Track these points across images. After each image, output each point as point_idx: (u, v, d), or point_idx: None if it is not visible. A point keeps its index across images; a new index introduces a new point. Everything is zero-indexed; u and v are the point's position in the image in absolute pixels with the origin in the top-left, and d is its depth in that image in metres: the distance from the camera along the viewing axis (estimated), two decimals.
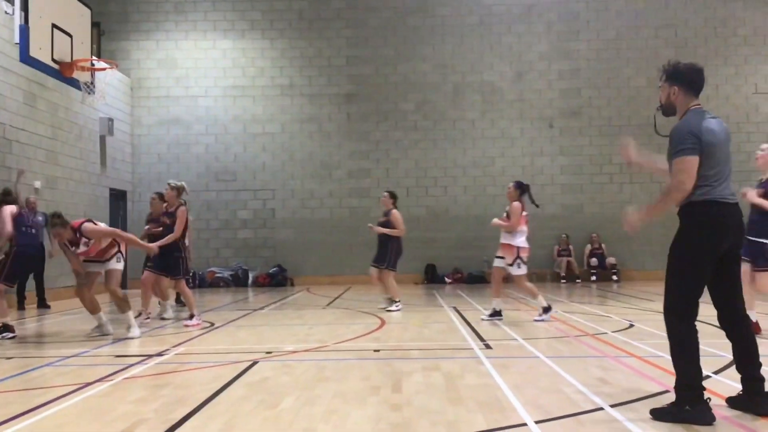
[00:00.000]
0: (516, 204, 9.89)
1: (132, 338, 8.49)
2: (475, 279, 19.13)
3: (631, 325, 9.11)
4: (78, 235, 8.56)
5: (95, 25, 13.96)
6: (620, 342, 7.61)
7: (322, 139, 20.31)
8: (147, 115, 20.20)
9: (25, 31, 10.47)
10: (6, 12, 13.27)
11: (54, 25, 11.20)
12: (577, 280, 19.15)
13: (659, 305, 12.12)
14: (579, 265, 19.44)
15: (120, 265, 8.95)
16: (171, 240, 9.82)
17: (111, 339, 8.53)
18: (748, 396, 4.52)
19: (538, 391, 5.27)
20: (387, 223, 11.79)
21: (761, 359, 4.60)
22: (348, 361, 6.86)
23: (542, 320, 9.70)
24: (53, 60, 11.24)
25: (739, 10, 20.37)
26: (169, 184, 10.20)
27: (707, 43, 20.32)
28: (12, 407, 4.99)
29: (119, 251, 8.95)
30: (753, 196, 7.79)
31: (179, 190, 10.12)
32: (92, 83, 12.90)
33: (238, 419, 4.58)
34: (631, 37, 20.30)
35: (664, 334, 8.12)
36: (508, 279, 10.36)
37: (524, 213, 9.90)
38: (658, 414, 4.39)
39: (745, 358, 4.55)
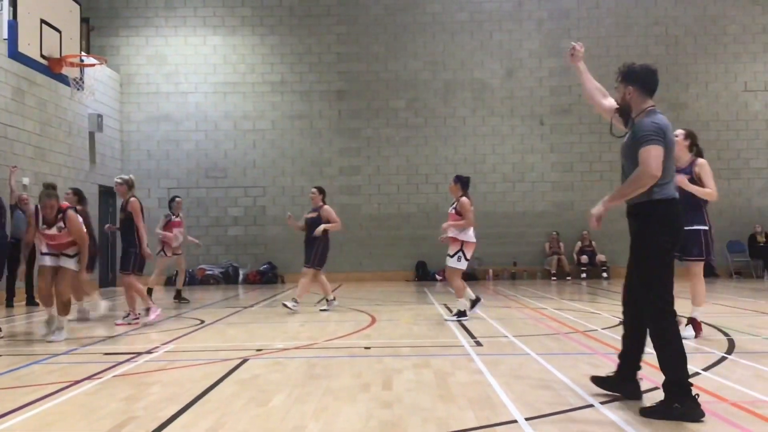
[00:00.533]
0: (464, 200, 9.68)
1: (53, 341, 8.11)
2: (468, 276, 19.11)
3: (621, 323, 9.12)
4: (59, 215, 8.37)
5: (84, 20, 13.85)
6: (610, 339, 7.63)
7: (313, 136, 20.28)
8: (136, 112, 20.11)
9: (13, 26, 10.39)
10: None
11: (43, 21, 11.12)
12: (568, 278, 19.20)
13: None
14: (569, 262, 19.49)
15: (73, 266, 8.50)
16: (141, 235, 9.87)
17: (99, 337, 8.49)
18: (620, 378, 4.90)
19: (529, 388, 5.27)
20: (317, 220, 11.13)
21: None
22: (339, 358, 6.85)
23: (455, 320, 9.47)
24: (42, 56, 11.16)
25: (729, 8, 20.45)
26: (119, 178, 10.09)
27: (697, 41, 20.40)
28: (0, 405, 4.96)
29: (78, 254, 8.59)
30: (684, 180, 7.55)
31: (128, 184, 10.00)
32: (81, 79, 12.82)
33: (228, 417, 4.56)
34: (621, 34, 20.35)
35: None
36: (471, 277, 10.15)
37: (471, 207, 9.65)
38: (647, 413, 4.40)
39: (636, 348, 4.89)
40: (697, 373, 5.65)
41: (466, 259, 9.72)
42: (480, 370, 5.97)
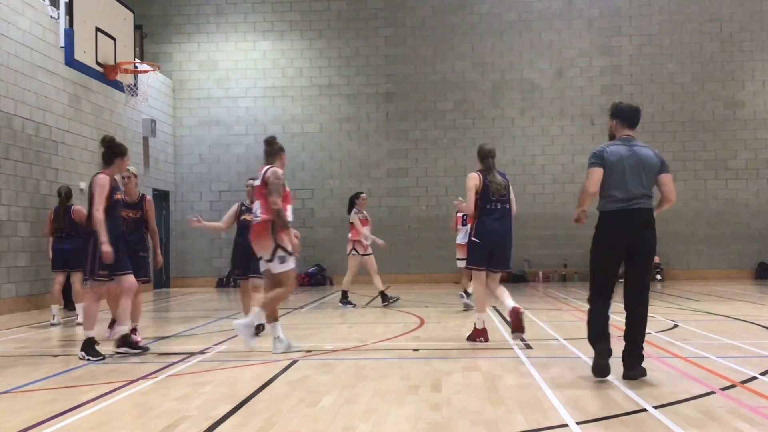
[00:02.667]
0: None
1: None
2: (517, 278, 18.97)
3: (676, 326, 8.95)
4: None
5: (138, 28, 14.20)
6: (664, 342, 7.48)
7: (361, 139, 20.35)
8: (188, 116, 20.48)
9: (70, 34, 10.70)
10: (51, 16, 13.58)
11: (98, 29, 11.42)
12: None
13: (705, 305, 11.93)
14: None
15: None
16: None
17: (153, 338, 8.66)
18: (624, 360, 5.60)
19: (580, 391, 5.21)
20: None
21: None
22: (387, 360, 6.87)
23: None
24: (97, 63, 11.47)
25: None
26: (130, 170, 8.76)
27: (753, 38, 19.86)
28: (57, 404, 5.10)
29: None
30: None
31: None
32: (135, 85, 13.14)
33: (278, 416, 4.61)
34: (674, 32, 19.94)
35: (709, 335, 7.98)
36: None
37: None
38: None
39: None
40: (754, 378, 5.50)
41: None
42: (530, 373, 5.92)
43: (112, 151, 7.41)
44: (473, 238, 7.80)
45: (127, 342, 7.23)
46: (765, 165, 19.62)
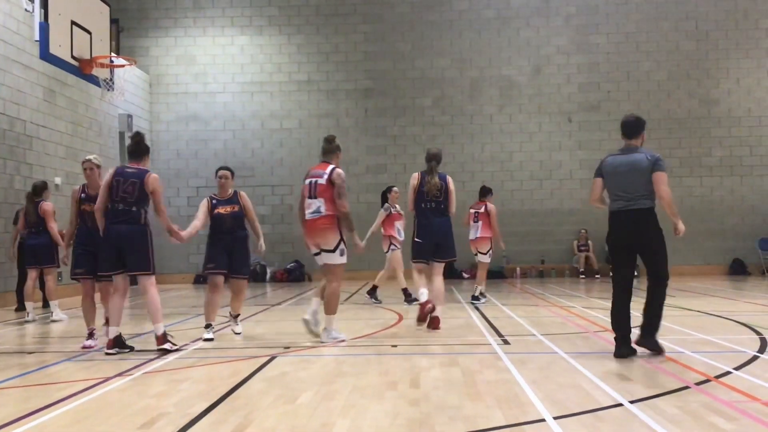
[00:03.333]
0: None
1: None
2: (495, 274, 19.02)
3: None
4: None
5: (114, 22, 14.03)
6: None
7: (340, 135, 19.88)
8: (165, 112, 20.31)
9: (44, 28, 10.56)
10: (26, 9, 13.36)
11: (73, 23, 11.28)
12: (596, 276, 19.04)
13: (680, 301, 12.03)
14: (598, 260, 19.33)
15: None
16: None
17: (130, 334, 8.59)
18: (642, 334, 6.46)
19: (557, 386, 5.24)
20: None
21: None
22: (366, 356, 6.87)
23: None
24: (73, 57, 11.33)
25: (761, 2, 20.10)
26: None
27: (728, 36, 20.09)
28: (33, 402, 5.05)
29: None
30: None
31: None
32: (111, 80, 12.99)
33: (256, 413, 4.59)
34: (650, 30, 20.11)
35: (684, 330, 8.07)
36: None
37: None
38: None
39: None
40: (728, 372, 5.58)
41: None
42: (508, 369, 5.95)
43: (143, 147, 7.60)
44: (416, 239, 8.78)
45: (119, 342, 7.12)
46: (739, 162, 19.87)
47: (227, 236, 8.23)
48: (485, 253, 12.13)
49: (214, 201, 8.40)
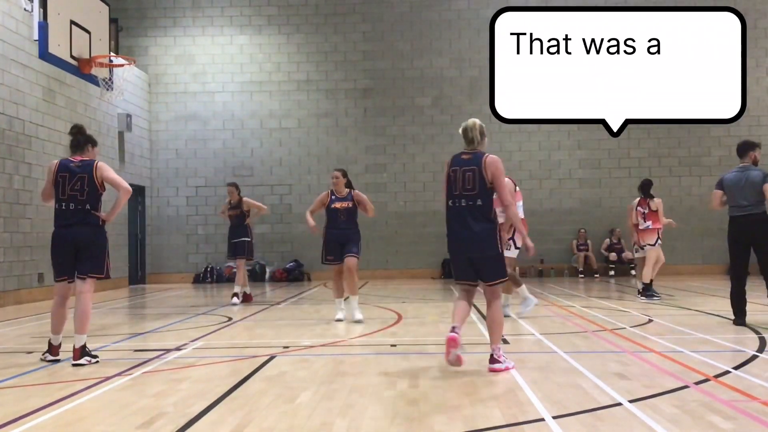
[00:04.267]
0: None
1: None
2: None
3: (650, 321, 9.05)
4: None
5: (113, 21, 14.02)
6: (639, 337, 7.56)
7: (339, 134, 20.32)
8: (165, 111, 20.30)
9: (43, 27, 10.55)
10: (25, 9, 13.34)
11: (72, 22, 11.27)
12: (596, 275, 19.05)
13: (679, 300, 12.07)
14: (597, 260, 19.34)
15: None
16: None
17: (128, 334, 8.59)
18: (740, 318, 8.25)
19: (556, 386, 5.24)
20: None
21: None
22: (365, 355, 6.87)
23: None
24: (72, 56, 11.32)
25: (759, 2, 20.11)
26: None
27: None
28: (33, 401, 5.04)
29: None
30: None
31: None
32: (110, 79, 12.98)
33: (256, 413, 4.60)
34: None
35: (683, 329, 8.09)
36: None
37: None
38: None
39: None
40: (727, 372, 5.58)
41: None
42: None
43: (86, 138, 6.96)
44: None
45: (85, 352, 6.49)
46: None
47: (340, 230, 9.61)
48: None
49: (333, 197, 9.80)
